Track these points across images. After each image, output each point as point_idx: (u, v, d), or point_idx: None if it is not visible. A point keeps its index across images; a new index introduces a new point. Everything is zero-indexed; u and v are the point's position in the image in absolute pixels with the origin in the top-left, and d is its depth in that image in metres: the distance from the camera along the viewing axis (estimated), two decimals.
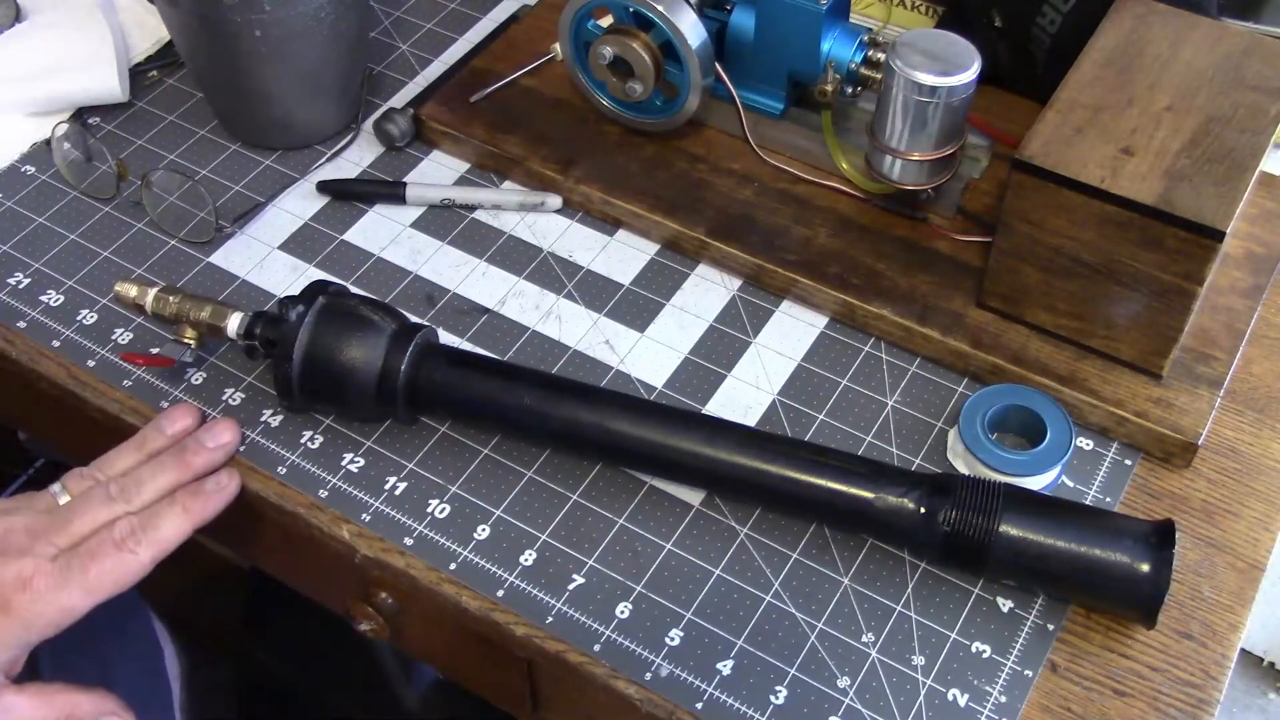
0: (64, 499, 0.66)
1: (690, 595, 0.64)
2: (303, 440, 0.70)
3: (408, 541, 0.66)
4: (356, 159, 0.85)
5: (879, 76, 0.75)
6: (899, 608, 0.63)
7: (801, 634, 0.62)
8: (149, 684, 0.95)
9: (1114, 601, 0.61)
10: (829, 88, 0.76)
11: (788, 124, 0.81)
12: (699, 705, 0.60)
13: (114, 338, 0.75)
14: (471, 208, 0.82)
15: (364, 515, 0.67)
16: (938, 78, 0.69)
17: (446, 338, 0.74)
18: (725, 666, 0.61)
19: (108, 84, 0.87)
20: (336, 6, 0.79)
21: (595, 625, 0.62)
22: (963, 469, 0.67)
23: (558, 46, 0.87)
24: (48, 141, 0.85)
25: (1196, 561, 0.65)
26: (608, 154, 0.82)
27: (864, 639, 0.62)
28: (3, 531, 0.63)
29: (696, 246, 0.78)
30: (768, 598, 0.64)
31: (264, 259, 0.79)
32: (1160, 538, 0.59)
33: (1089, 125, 0.66)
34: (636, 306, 0.76)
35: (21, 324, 0.76)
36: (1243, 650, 1.51)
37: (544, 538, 0.66)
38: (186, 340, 0.70)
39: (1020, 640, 0.62)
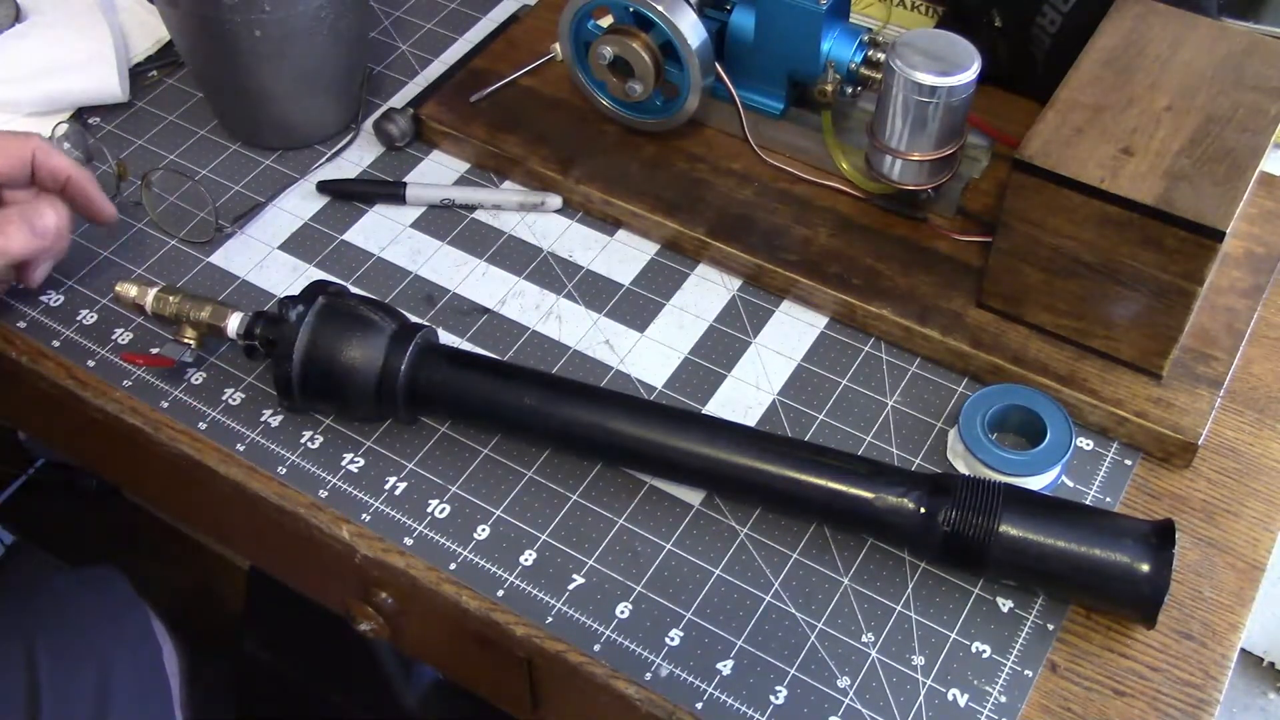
0: None
1: (690, 595, 0.64)
2: (303, 440, 0.70)
3: (408, 541, 0.66)
4: (356, 159, 0.85)
5: (879, 76, 0.75)
6: (899, 608, 0.63)
7: (801, 634, 0.62)
8: (149, 683, 0.95)
9: (1114, 601, 0.61)
10: (829, 88, 0.76)
11: (788, 124, 0.81)
12: (699, 705, 0.60)
13: (114, 338, 0.75)
14: (471, 208, 0.82)
15: (364, 515, 0.67)
16: (938, 78, 0.69)
17: (446, 338, 0.74)
18: (725, 666, 0.61)
19: (108, 84, 0.87)
20: (336, 6, 0.79)
21: (595, 625, 0.62)
22: (963, 469, 0.67)
23: (558, 46, 0.87)
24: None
25: (1196, 561, 0.65)
26: (608, 154, 0.82)
27: (864, 639, 0.62)
28: None
29: (696, 246, 0.78)
30: (768, 598, 0.64)
31: (264, 259, 0.79)
32: (1160, 538, 0.59)
33: (1089, 125, 0.66)
34: (636, 306, 0.77)
35: (21, 324, 0.76)
36: (1243, 650, 1.51)
37: (544, 538, 0.66)
38: (186, 340, 0.70)
39: (1020, 640, 0.62)
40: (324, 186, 0.83)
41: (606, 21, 0.80)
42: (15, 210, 0.70)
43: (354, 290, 0.73)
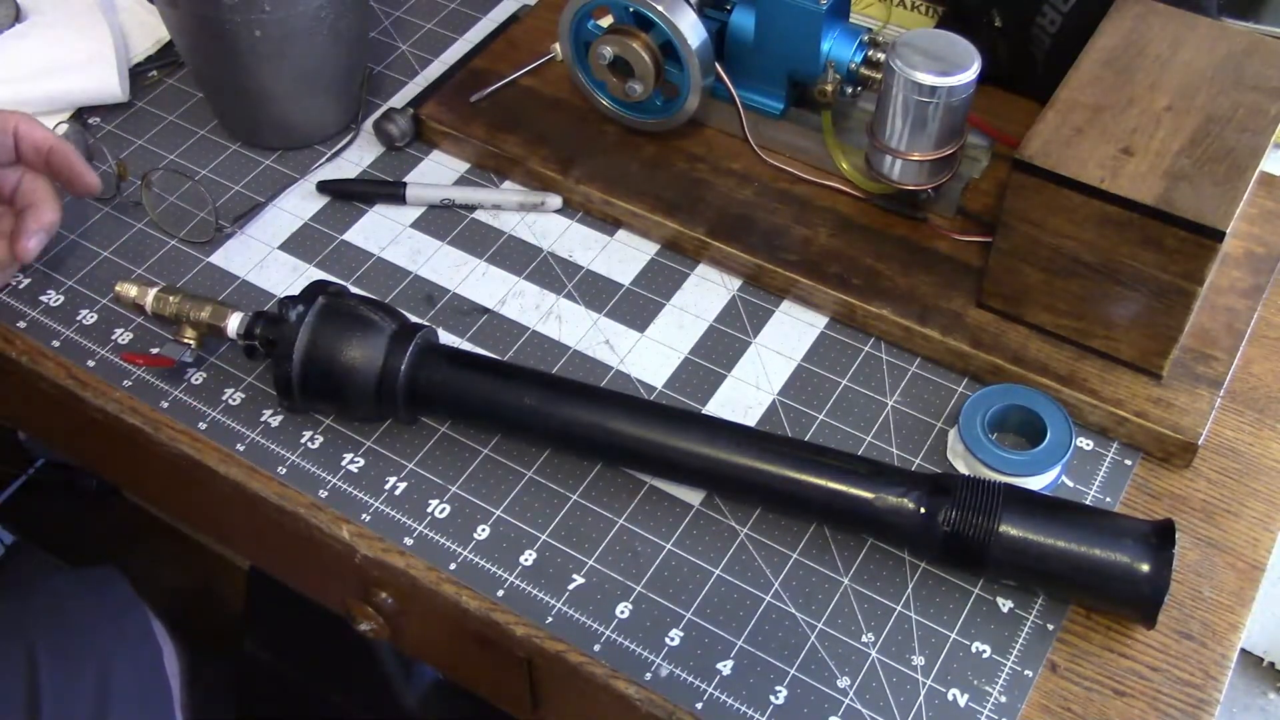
0: None
1: (690, 595, 0.64)
2: (303, 440, 0.70)
3: (408, 541, 0.66)
4: (356, 159, 0.85)
5: (879, 76, 0.75)
6: (899, 608, 0.63)
7: (801, 634, 0.62)
8: (149, 683, 0.95)
9: (1114, 601, 0.61)
10: (829, 88, 0.76)
11: (788, 124, 0.81)
12: (699, 705, 0.60)
13: (114, 338, 0.75)
14: (471, 208, 0.82)
15: (364, 515, 0.67)
16: (938, 78, 0.69)
17: (446, 338, 0.74)
18: (725, 666, 0.61)
19: (108, 84, 0.87)
20: (336, 6, 0.79)
21: (595, 625, 0.62)
22: (963, 469, 0.67)
23: (558, 46, 0.87)
24: None
25: (1196, 561, 0.65)
26: (608, 154, 0.82)
27: (864, 639, 0.62)
28: None
29: (696, 246, 0.78)
30: (768, 598, 0.64)
31: (264, 259, 0.79)
32: (1160, 538, 0.59)
33: (1089, 125, 0.66)
34: (636, 306, 0.77)
35: (21, 324, 0.76)
36: (1243, 650, 1.51)
37: (544, 538, 0.66)
38: (186, 340, 0.70)
39: (1020, 640, 0.62)
40: (324, 186, 0.83)
41: (606, 21, 0.80)
42: None
43: (354, 290, 0.73)
